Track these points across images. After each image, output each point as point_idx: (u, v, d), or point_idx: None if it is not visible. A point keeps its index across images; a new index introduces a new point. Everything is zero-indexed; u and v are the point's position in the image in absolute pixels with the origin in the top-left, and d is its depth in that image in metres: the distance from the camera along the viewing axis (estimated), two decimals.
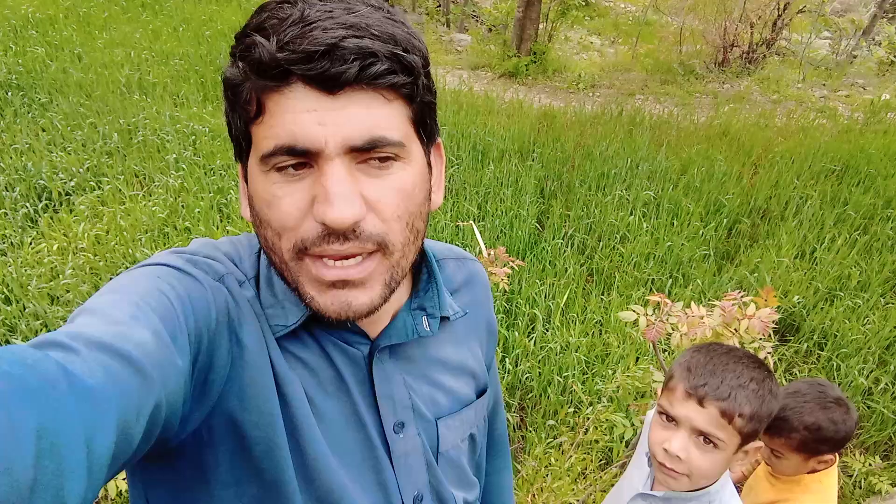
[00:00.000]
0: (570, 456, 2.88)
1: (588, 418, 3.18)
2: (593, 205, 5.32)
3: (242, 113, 0.65)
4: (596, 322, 4.24)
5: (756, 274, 4.63)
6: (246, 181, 0.71)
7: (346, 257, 0.65)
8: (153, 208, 5.08)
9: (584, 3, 14.78)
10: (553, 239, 4.95)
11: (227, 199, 5.32)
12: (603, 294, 4.54)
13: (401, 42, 0.63)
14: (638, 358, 3.85)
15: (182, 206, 5.21)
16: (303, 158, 0.63)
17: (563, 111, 7.41)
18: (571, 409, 3.45)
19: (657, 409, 1.33)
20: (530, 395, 3.62)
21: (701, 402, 1.23)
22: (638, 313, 2.02)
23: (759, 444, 1.28)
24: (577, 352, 3.86)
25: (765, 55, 9.89)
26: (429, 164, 0.74)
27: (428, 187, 0.73)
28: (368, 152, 0.64)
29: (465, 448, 0.93)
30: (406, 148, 0.66)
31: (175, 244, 4.78)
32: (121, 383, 0.50)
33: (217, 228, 4.86)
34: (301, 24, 0.60)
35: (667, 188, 5.54)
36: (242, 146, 0.69)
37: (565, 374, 3.68)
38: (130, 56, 7.82)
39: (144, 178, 5.66)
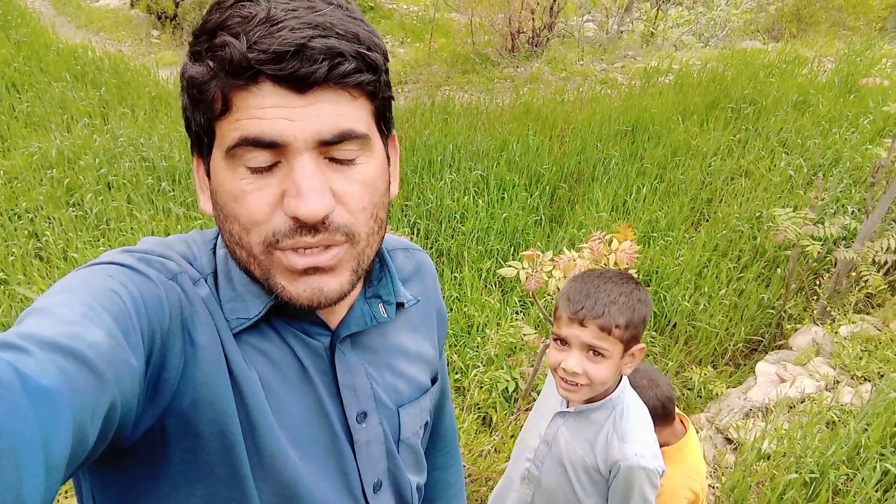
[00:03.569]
0: (465, 421, 3.05)
1: (471, 383, 3.38)
2: (428, 191, 5.55)
3: (206, 110, 0.65)
4: (454, 298, 4.46)
5: (583, 230, 5.10)
6: (208, 176, 0.72)
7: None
8: None
9: (370, 7, 15.10)
10: (397, 229, 5.10)
11: (41, 243, 4.88)
12: (454, 272, 4.77)
13: (364, 41, 0.65)
14: (499, 323, 4.12)
15: None
16: (269, 152, 0.64)
17: None
18: (451, 379, 3.63)
19: (552, 336, 1.53)
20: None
21: (582, 323, 1.43)
22: (517, 268, 2.21)
23: (641, 346, 1.50)
24: None
25: (547, 38, 10.76)
26: (387, 155, 0.76)
27: (388, 178, 0.76)
28: (335, 146, 0.65)
29: (421, 434, 0.96)
30: (370, 141, 0.69)
31: None
32: (75, 383, 0.49)
33: (39, 274, 4.45)
34: (268, 24, 0.61)
35: (491, 166, 5.91)
36: (203, 141, 0.69)
37: None
38: None
39: None
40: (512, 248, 5.00)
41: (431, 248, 5.03)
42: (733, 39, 11.84)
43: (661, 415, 1.84)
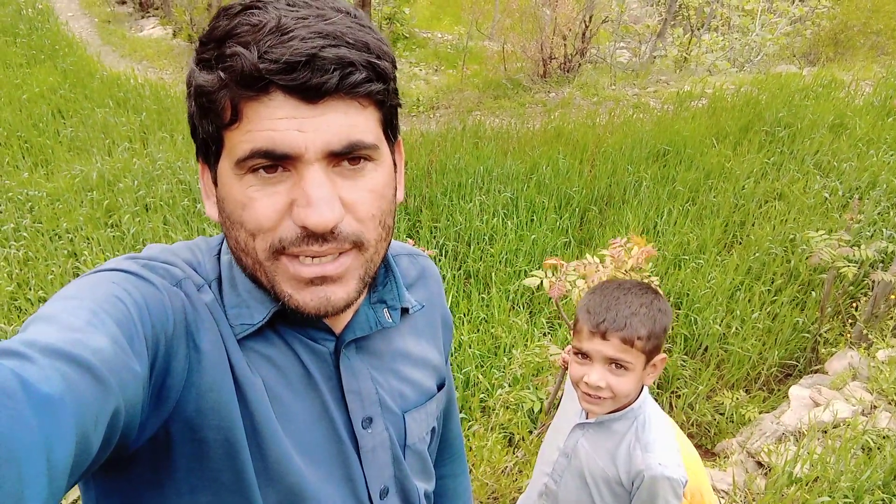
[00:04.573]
0: (489, 440, 3.04)
1: (497, 402, 3.37)
2: (457, 213, 5.58)
3: (215, 119, 0.65)
4: (481, 319, 4.46)
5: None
6: (215, 183, 0.71)
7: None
8: None
9: (405, 36, 15.36)
10: (426, 250, 5.13)
11: (80, 263, 5.04)
12: (482, 293, 4.78)
13: (373, 50, 0.65)
14: (526, 344, 4.10)
15: (32, 276, 4.86)
16: (280, 162, 0.64)
17: (410, 133, 7.69)
18: (477, 399, 3.62)
19: (572, 351, 1.51)
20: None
21: (604, 336, 1.42)
22: (540, 277, 2.22)
23: (663, 356, 1.49)
24: (470, 348, 4.05)
25: (579, 64, 10.82)
26: (394, 162, 0.76)
27: (395, 185, 0.75)
28: (345, 156, 0.66)
29: (428, 440, 0.95)
30: (379, 149, 0.69)
31: (31, 314, 4.46)
32: (78, 390, 0.49)
33: None
34: (278, 33, 0.60)
35: (520, 188, 5.93)
36: (211, 149, 0.69)
37: (465, 369, 3.85)
38: None
39: None
40: (541, 270, 5.00)
41: (460, 269, 5.05)
42: (768, 64, 11.75)
43: None
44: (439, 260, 5.06)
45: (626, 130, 7.38)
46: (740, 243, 5.48)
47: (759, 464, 3.14)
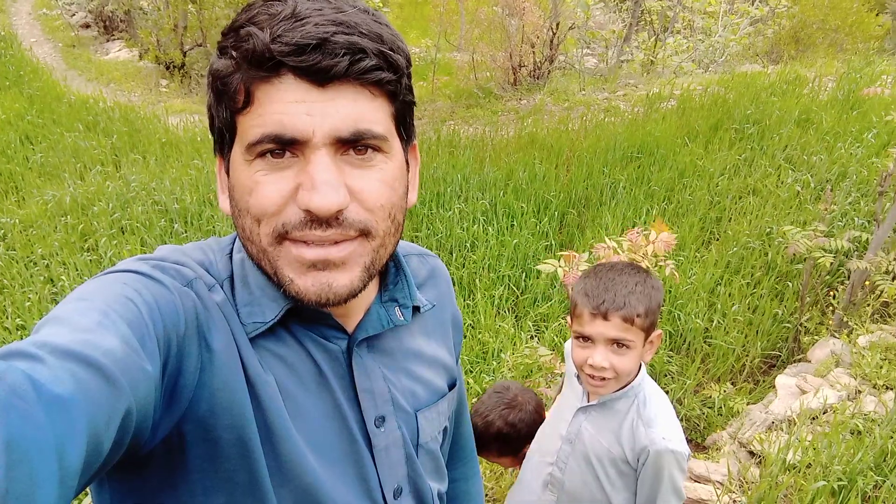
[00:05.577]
0: None
1: None
2: (437, 221, 5.59)
3: (230, 103, 0.66)
4: (468, 325, 4.46)
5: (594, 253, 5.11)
6: (228, 174, 0.72)
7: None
8: None
9: None
10: None
11: (57, 288, 4.95)
12: (467, 299, 4.78)
13: (387, 41, 0.66)
14: (515, 346, 4.11)
15: (9, 304, 4.77)
16: (288, 147, 0.65)
17: None
18: (469, 404, 3.61)
19: (573, 335, 1.54)
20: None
21: (605, 317, 1.45)
22: (554, 265, 2.33)
23: (659, 332, 1.53)
24: None
25: (549, 71, 10.93)
26: (406, 162, 0.77)
27: (406, 183, 0.75)
28: (352, 144, 0.66)
29: (440, 439, 0.95)
30: (389, 142, 0.69)
31: (9, 342, 4.37)
32: (89, 391, 0.49)
33: None
34: (293, 20, 0.62)
35: (498, 195, 5.96)
36: (225, 138, 0.70)
37: None
38: None
39: None
40: (524, 274, 5.02)
41: None
42: (733, 64, 11.98)
43: (539, 422, 1.87)
44: None
45: (598, 134, 7.46)
46: (718, 239, 5.56)
47: (752, 453, 3.17)
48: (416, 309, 0.89)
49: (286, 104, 0.63)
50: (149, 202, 6.06)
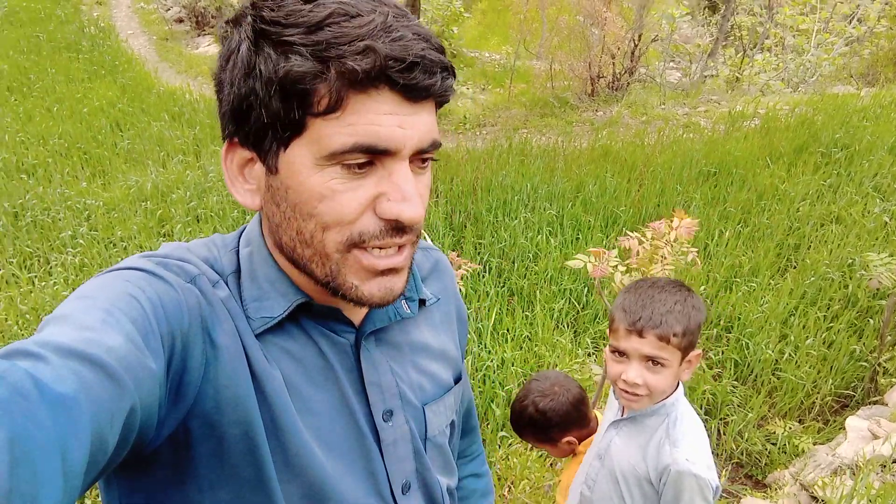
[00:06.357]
0: (528, 458, 2.98)
1: None
2: (502, 229, 5.55)
3: (302, 104, 0.63)
4: (525, 337, 4.40)
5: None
6: (270, 170, 0.68)
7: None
8: (55, 288, 4.84)
9: (453, 55, 15.48)
10: (470, 264, 5.10)
11: None
12: (526, 311, 4.72)
13: (444, 52, 0.68)
14: (571, 360, 4.03)
15: None
16: (374, 157, 0.65)
17: (456, 149, 7.70)
18: None
19: (609, 349, 1.52)
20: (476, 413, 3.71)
21: (640, 334, 1.42)
22: (584, 261, 2.34)
23: (698, 351, 1.48)
24: (513, 366, 4.00)
25: (628, 83, 10.72)
26: None
27: None
28: (422, 154, 0.69)
29: (448, 433, 0.95)
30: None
31: None
32: (93, 389, 0.49)
33: None
34: (385, 31, 0.61)
35: (566, 206, 5.87)
36: (278, 135, 0.66)
37: (507, 387, 3.80)
38: (4, 140, 7.49)
39: (39, 259, 5.39)
40: (585, 289, 4.92)
41: (503, 286, 5.01)
42: (824, 85, 11.46)
43: (576, 417, 1.87)
44: (482, 276, 5.02)
45: (675, 150, 7.25)
46: (795, 267, 5.31)
47: (814, 497, 3.00)
48: (421, 302, 0.90)
49: (380, 116, 0.64)
50: (224, 193, 6.26)
